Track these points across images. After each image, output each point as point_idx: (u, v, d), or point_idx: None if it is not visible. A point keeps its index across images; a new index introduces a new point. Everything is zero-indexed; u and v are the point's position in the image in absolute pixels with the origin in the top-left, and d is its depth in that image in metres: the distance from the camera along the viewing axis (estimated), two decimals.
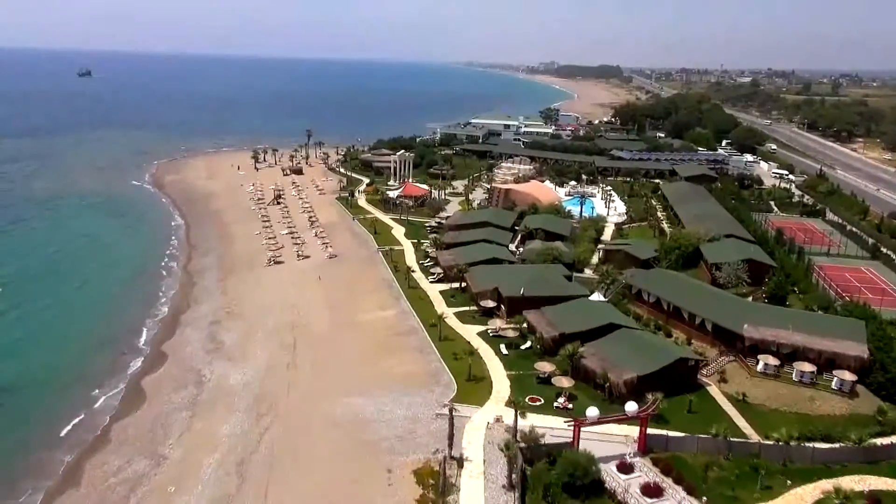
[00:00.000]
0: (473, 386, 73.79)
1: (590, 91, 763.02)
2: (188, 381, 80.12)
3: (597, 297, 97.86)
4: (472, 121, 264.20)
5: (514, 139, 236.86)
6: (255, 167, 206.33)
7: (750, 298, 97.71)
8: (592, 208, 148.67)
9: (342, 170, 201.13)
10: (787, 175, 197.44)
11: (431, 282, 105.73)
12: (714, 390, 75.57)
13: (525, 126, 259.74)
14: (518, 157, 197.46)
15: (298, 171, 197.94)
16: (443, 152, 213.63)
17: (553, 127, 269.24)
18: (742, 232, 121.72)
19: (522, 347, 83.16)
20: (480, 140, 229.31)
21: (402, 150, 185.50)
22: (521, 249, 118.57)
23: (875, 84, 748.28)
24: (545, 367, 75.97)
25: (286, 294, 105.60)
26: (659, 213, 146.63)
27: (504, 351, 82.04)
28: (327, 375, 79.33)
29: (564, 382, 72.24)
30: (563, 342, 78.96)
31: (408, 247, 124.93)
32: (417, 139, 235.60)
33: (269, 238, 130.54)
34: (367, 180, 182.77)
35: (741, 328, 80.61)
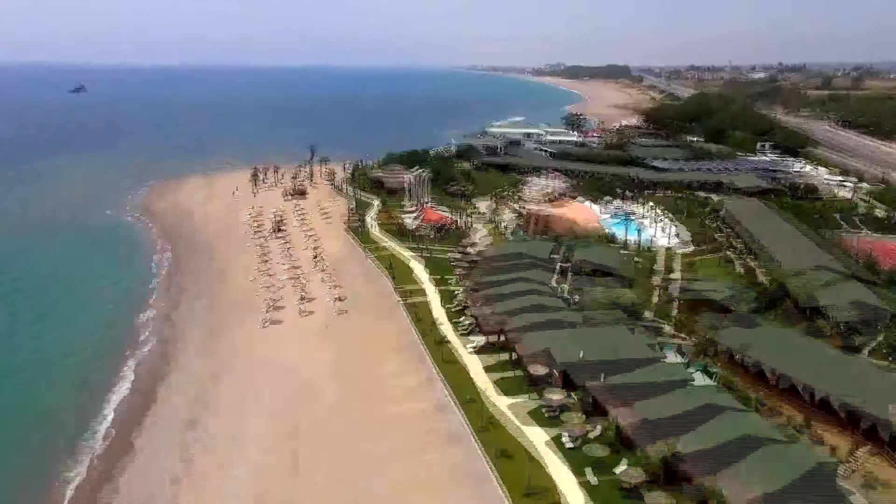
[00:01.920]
0: None
1: (600, 92, 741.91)
2: (156, 497, 60.71)
3: (671, 357, 78.38)
4: (490, 129, 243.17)
5: (536, 148, 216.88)
6: (254, 191, 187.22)
7: (866, 354, 77.81)
8: (638, 231, 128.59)
9: (349, 190, 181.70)
10: (850, 182, 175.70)
11: (461, 334, 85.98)
12: (860, 502, 55.56)
13: (548, 134, 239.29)
14: (545, 171, 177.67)
15: (301, 193, 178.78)
16: (460, 166, 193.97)
17: (578, 134, 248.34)
18: (831, 261, 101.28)
19: (617, 471, 57.84)
20: (500, 150, 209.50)
21: (417, 168, 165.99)
22: (566, 286, 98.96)
23: (893, 76, 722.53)
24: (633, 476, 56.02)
25: (286, 362, 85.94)
26: (732, 241, 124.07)
27: (592, 479, 57.59)
28: (341, 491, 59.68)
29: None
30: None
31: (430, 289, 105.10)
32: (431, 152, 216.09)
33: (267, 287, 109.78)
34: (378, 202, 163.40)
35: (886, 411, 60.60)
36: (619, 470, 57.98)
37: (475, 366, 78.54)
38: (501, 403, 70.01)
